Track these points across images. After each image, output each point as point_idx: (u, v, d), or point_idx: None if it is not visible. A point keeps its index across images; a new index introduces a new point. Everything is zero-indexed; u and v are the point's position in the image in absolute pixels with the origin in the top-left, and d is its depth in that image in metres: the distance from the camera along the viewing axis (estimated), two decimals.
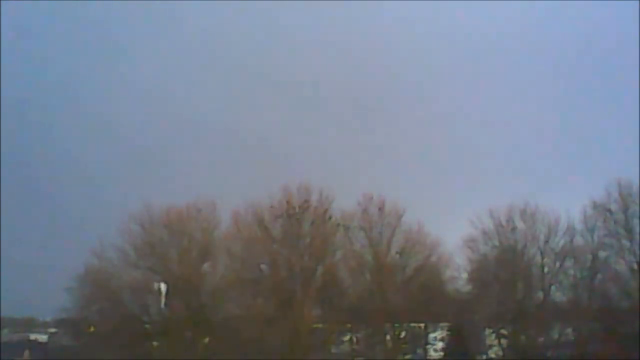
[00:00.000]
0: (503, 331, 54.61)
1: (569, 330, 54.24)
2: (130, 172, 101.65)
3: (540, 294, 54.07)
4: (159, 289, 49.45)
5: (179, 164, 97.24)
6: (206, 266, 52.55)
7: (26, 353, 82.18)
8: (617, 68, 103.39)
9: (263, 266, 52.53)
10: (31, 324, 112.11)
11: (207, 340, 50.61)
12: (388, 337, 53.80)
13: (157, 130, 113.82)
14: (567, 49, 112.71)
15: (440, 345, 58.22)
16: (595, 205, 53.31)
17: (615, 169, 69.49)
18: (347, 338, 54.11)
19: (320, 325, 52.49)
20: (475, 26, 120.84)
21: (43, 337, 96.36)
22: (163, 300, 49.37)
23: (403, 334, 54.51)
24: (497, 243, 54.67)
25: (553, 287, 54.07)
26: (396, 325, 53.79)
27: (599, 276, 53.46)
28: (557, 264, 53.72)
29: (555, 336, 54.10)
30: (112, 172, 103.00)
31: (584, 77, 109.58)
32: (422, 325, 56.73)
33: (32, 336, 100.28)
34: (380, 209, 53.15)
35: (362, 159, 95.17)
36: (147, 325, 51.55)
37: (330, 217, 52.19)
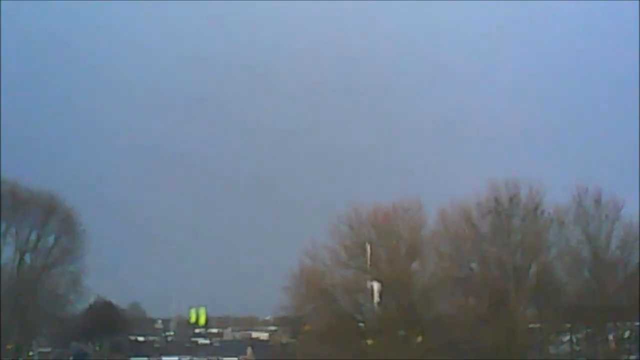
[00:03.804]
0: None
1: None
2: (338, 175, 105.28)
3: None
4: (372, 288, 50.16)
5: (384, 164, 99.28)
6: (415, 265, 52.68)
7: (249, 350, 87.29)
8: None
9: (473, 264, 51.74)
10: (253, 323, 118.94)
11: (420, 339, 50.67)
12: (611, 337, 51.06)
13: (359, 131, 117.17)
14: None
15: None
16: None
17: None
18: (566, 338, 51.99)
19: (536, 325, 50.78)
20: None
21: (264, 335, 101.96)
22: (375, 299, 50.07)
23: (627, 334, 51.42)
24: None
25: None
26: (619, 324, 50.93)
27: None
28: None
29: None
30: (321, 176, 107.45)
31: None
32: None
33: (254, 334, 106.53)
34: (597, 201, 50.24)
35: (573, 147, 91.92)
36: (360, 324, 52.62)
37: (542, 212, 50.20)
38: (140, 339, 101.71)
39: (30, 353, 70.23)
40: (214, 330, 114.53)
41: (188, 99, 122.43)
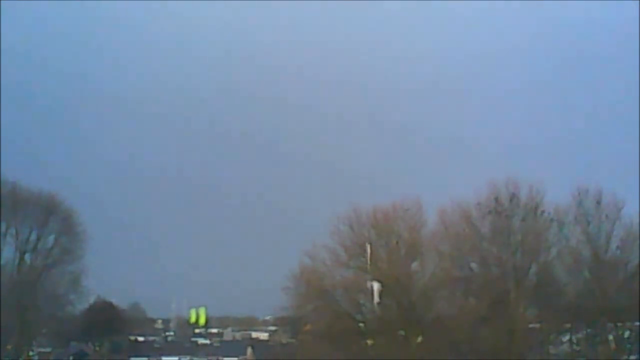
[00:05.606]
0: None
1: None
2: (338, 175, 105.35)
3: None
4: (372, 288, 50.13)
5: (384, 165, 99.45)
6: (415, 265, 52.68)
7: (249, 350, 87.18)
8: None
9: (473, 264, 51.69)
10: (253, 323, 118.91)
11: (420, 339, 50.64)
12: (611, 337, 50.78)
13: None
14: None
15: None
16: None
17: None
18: (566, 338, 51.87)
19: (536, 325, 50.66)
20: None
21: (264, 335, 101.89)
22: (375, 299, 50.05)
23: (627, 334, 51.23)
24: None
25: None
26: (619, 324, 50.64)
27: None
28: None
29: None
30: (321, 177, 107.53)
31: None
32: None
33: (254, 334, 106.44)
34: (597, 201, 50.07)
35: (573, 148, 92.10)
36: (360, 324, 52.58)
37: (542, 212, 50.12)
38: (140, 339, 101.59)
39: (30, 353, 70.18)
40: (214, 330, 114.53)
41: (189, 106, 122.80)
